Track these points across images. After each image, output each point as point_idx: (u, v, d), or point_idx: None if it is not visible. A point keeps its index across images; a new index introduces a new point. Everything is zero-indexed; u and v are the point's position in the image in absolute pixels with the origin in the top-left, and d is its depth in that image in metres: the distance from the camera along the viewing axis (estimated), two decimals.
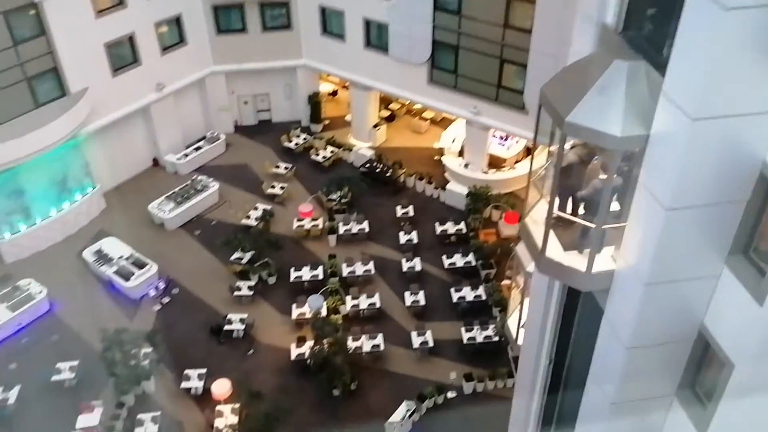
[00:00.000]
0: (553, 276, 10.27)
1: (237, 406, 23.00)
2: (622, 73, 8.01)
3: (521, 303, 16.73)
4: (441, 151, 34.89)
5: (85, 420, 22.68)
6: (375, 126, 36.35)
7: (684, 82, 7.03)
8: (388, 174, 33.61)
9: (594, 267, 9.01)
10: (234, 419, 22.64)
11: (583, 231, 9.34)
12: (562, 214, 9.39)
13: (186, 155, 34.77)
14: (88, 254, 28.90)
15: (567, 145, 8.97)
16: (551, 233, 9.36)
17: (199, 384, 23.99)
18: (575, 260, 9.25)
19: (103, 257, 28.62)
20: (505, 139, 33.37)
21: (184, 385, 24.04)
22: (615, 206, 9.09)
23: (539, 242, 9.50)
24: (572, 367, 12.09)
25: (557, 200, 9.38)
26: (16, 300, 26.41)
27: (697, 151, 7.17)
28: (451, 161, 33.40)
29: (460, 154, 33.73)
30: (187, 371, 24.39)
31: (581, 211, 9.64)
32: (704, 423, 8.69)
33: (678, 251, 8.01)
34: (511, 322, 17.83)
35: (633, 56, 8.26)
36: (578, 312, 11.29)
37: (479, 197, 31.16)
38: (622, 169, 8.73)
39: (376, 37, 32.95)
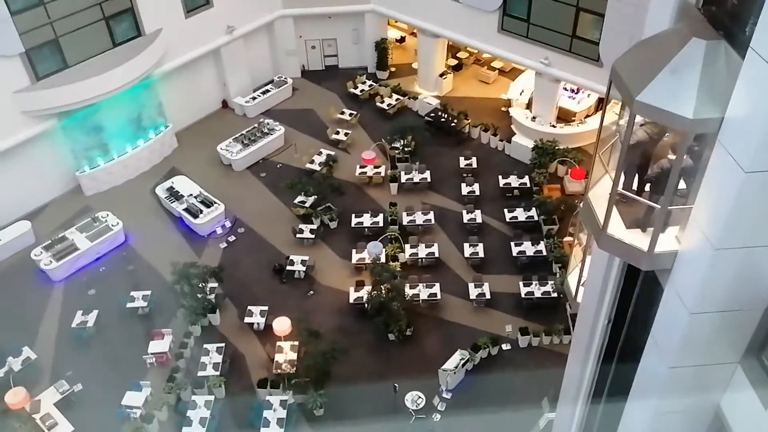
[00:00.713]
0: (613, 253, 9.94)
1: (296, 343, 23.91)
2: (699, 53, 7.60)
3: (583, 261, 16.54)
4: (508, 103, 34.25)
5: (156, 346, 24.12)
6: (441, 75, 35.89)
7: None
8: (452, 124, 33.33)
9: (657, 247, 8.72)
10: (293, 355, 23.59)
11: (647, 210, 9.04)
12: (626, 193, 9.08)
13: (254, 98, 35.29)
14: (161, 191, 30.11)
15: (637, 122, 8.63)
16: (614, 209, 9.06)
17: (261, 320, 25.01)
18: (637, 239, 8.98)
19: (174, 194, 29.77)
20: (576, 92, 32.45)
21: (247, 320, 25.11)
22: (683, 185, 8.73)
23: (601, 218, 9.19)
24: (632, 329, 12.02)
25: (622, 177, 9.06)
26: (94, 230, 27.95)
27: None
28: (518, 113, 32.79)
29: (528, 106, 33.04)
30: (250, 307, 25.43)
31: (647, 189, 9.30)
32: None
33: (754, 216, 7.74)
34: (571, 279, 17.67)
35: (712, 35, 7.78)
36: (641, 274, 11.16)
37: (545, 151, 30.61)
38: (693, 149, 8.32)
39: None
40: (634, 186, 9.39)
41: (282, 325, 24.25)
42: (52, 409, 22.36)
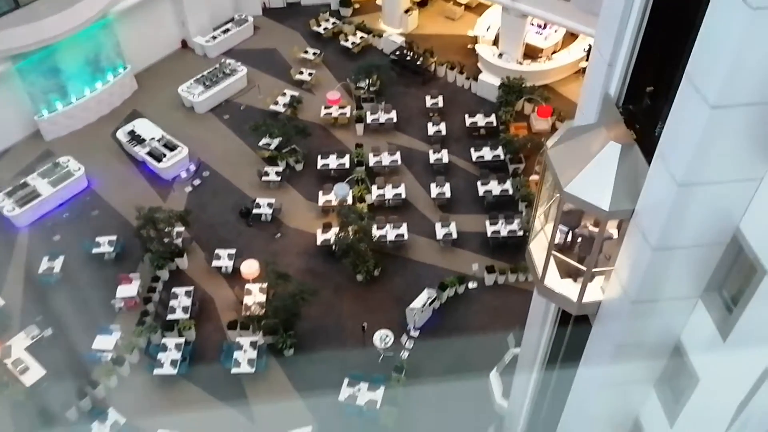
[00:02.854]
0: (549, 299, 11.60)
1: (265, 285, 24.06)
2: (615, 154, 9.08)
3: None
4: (474, 40, 33.85)
5: (124, 290, 24.07)
6: (406, 11, 35.18)
7: None
8: (418, 62, 32.92)
9: (584, 298, 10.47)
10: (262, 297, 23.78)
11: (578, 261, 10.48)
12: (558, 255, 10.58)
13: (214, 38, 34.26)
14: (122, 134, 29.41)
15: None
16: (551, 261, 10.63)
17: (229, 263, 25.03)
18: (569, 289, 10.61)
19: (135, 138, 29.12)
20: (543, 28, 32.18)
21: (215, 263, 25.11)
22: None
23: (540, 270, 10.81)
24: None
25: (558, 234, 10.46)
26: (56, 176, 27.38)
27: (753, 46, 6.86)
28: (484, 50, 32.47)
29: (495, 43, 32.73)
30: (217, 251, 25.40)
31: (576, 248, 10.70)
32: (728, 327, 8.87)
33: (720, 152, 7.85)
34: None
35: (627, 137, 9.32)
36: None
37: (512, 89, 30.54)
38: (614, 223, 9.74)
39: None
40: (569, 239, 10.84)
41: (250, 267, 24.31)
42: (23, 353, 22.38)
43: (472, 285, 24.69)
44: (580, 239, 10.58)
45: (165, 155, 28.28)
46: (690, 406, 10.01)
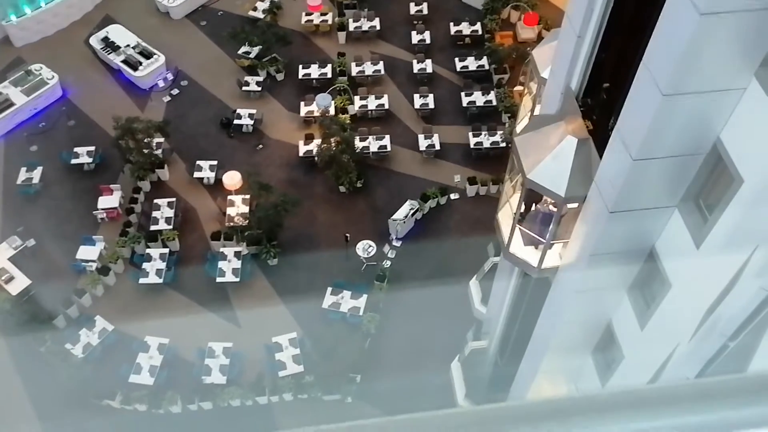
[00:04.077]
0: (513, 264, 12.99)
1: (247, 196, 24.07)
2: (572, 147, 10.36)
3: (532, 110, 16.71)
4: None
5: (105, 201, 24.00)
6: None
7: None
8: None
9: (543, 264, 11.85)
10: (245, 208, 23.84)
11: (539, 232, 11.83)
12: (522, 228, 12.03)
13: None
14: (95, 41, 28.38)
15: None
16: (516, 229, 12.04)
17: (211, 174, 24.90)
18: (530, 255, 12.06)
19: (110, 45, 28.14)
20: None
21: (197, 174, 24.97)
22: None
23: (506, 237, 12.17)
24: None
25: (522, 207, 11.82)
26: (29, 84, 26.57)
27: None
28: None
29: None
30: (198, 162, 25.19)
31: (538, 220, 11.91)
32: (702, 234, 9.11)
33: (705, 61, 7.80)
34: (520, 129, 17.95)
35: (583, 131, 10.53)
36: (588, 123, 11.43)
37: None
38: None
39: None
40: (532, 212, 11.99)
41: (232, 179, 24.22)
42: (7, 263, 22.49)
43: (454, 196, 24.90)
44: (540, 215, 12.05)
45: (141, 63, 27.45)
46: (660, 311, 10.41)
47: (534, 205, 12.04)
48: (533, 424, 1.21)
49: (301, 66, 28.06)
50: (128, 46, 27.98)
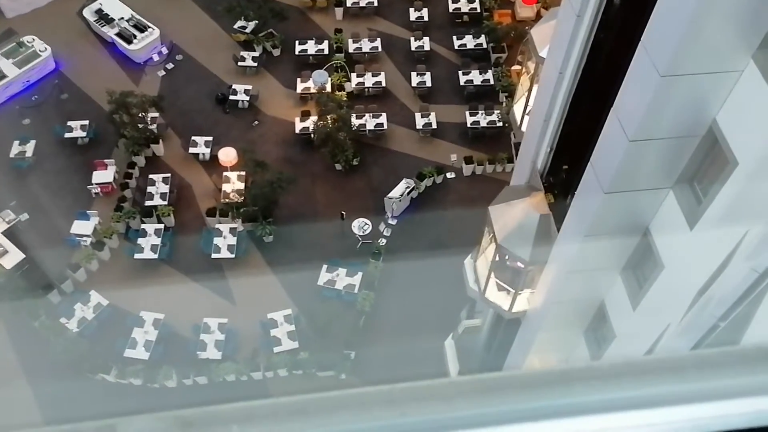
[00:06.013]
0: (487, 306, 14.88)
1: (243, 173, 24.01)
2: (534, 220, 12.21)
3: (529, 89, 16.64)
4: None
5: (99, 176, 23.88)
6: None
7: None
8: None
9: (514, 308, 13.70)
10: (240, 185, 23.80)
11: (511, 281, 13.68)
12: (497, 281, 13.95)
13: None
14: (89, 13, 28.03)
15: None
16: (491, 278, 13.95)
17: (206, 150, 24.80)
18: (503, 300, 13.92)
19: (103, 17, 27.81)
20: None
21: (192, 150, 24.86)
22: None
23: (483, 284, 14.08)
24: (573, 158, 12.49)
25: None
26: (22, 56, 26.25)
27: None
28: None
29: None
30: (194, 137, 25.07)
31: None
32: (696, 216, 9.19)
33: (703, 42, 7.81)
34: (517, 109, 17.87)
35: (545, 207, 12.31)
36: (585, 102, 11.42)
37: None
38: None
39: None
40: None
41: (228, 155, 24.13)
42: (0, 237, 22.40)
43: (450, 175, 24.89)
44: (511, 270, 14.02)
45: (135, 37, 27.17)
46: (653, 291, 10.51)
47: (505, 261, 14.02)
48: (535, 390, 1.25)
49: (297, 42, 27.83)
50: (122, 18, 27.66)
